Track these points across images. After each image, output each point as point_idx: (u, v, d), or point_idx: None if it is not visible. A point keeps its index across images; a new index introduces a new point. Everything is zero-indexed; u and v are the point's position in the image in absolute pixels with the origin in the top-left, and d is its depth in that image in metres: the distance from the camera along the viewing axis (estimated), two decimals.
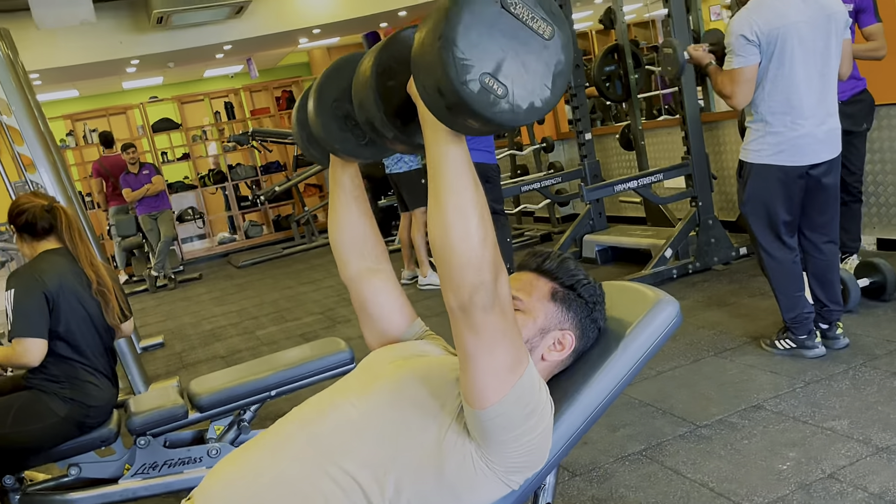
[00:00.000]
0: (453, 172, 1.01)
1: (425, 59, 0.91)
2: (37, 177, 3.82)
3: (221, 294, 7.03)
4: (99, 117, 10.21)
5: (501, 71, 0.90)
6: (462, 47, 0.88)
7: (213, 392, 2.54)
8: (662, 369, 3.07)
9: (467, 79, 0.88)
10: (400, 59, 1.07)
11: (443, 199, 1.01)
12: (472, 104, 0.89)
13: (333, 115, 1.23)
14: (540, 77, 0.93)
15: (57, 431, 2.27)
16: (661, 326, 1.36)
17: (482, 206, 1.01)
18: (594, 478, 2.31)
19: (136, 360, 3.98)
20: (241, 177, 10.37)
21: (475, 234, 0.99)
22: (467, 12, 0.89)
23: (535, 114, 0.93)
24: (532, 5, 0.92)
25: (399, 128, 1.08)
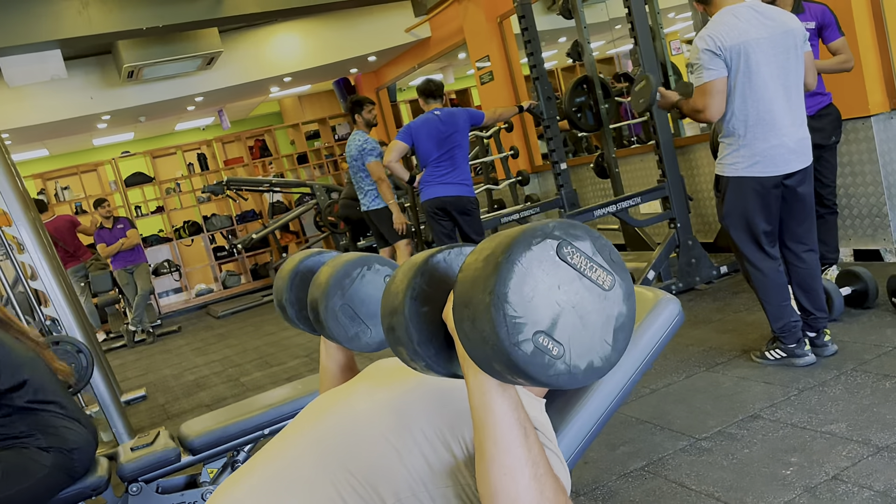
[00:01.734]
0: (499, 426, 0.90)
1: (471, 310, 0.82)
2: (13, 230, 3.77)
3: (202, 345, 6.93)
4: (70, 175, 10.14)
5: (557, 328, 0.81)
6: (514, 304, 0.79)
7: (204, 433, 2.48)
8: (657, 387, 3.06)
9: (520, 339, 0.79)
10: (434, 284, 1.00)
11: (487, 459, 0.90)
12: (525, 367, 0.80)
13: (342, 320, 1.29)
14: (599, 332, 0.84)
15: (48, 484, 2.18)
16: (665, 324, 1.37)
17: (535, 463, 0.90)
18: (598, 496, 2.29)
19: (120, 411, 3.89)
20: (216, 227, 10.31)
21: (526, 496, 0.88)
22: (521, 265, 0.80)
23: (595, 374, 0.84)
24: (591, 253, 0.85)
25: (430, 357, 0.98)
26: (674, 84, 4.99)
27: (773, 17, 2.76)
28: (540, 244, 0.82)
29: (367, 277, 1.34)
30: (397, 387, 1.22)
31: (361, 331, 1.33)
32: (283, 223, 9.16)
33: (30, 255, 3.78)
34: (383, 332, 1.05)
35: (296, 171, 10.91)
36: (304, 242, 10.42)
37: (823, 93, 3.50)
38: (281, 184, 9.06)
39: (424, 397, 1.19)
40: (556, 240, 0.83)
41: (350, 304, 1.31)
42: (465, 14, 7.58)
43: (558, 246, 0.83)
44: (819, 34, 3.46)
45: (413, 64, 9.03)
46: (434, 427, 1.13)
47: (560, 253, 0.83)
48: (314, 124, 11.19)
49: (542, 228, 0.83)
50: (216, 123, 11.14)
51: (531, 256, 0.81)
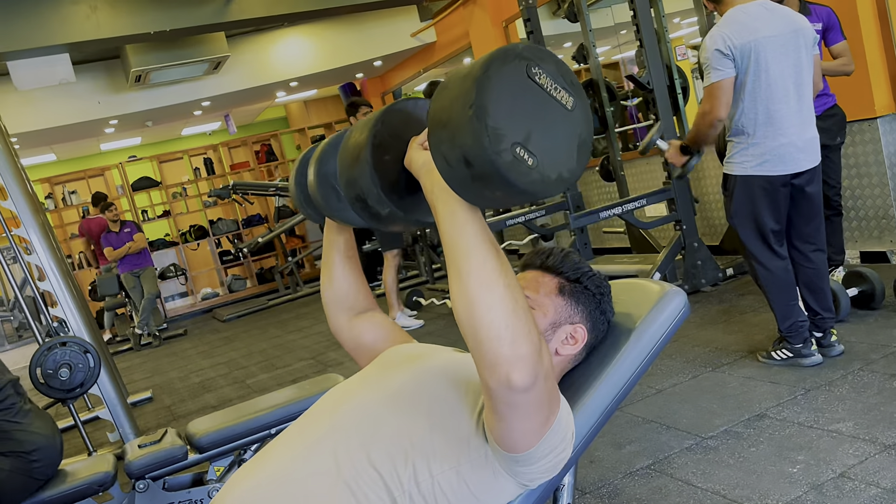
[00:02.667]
0: (472, 245, 0.95)
1: (451, 129, 0.88)
2: (22, 231, 3.79)
3: (208, 348, 6.94)
4: (77, 179, 10.19)
5: (531, 140, 0.88)
6: (494, 115, 0.85)
7: (211, 432, 2.48)
8: (662, 387, 3.06)
9: (500, 148, 0.85)
10: (394, 134, 1.05)
11: (464, 275, 0.95)
12: (506, 174, 0.85)
13: (332, 185, 1.25)
14: (565, 148, 0.92)
15: (11, 486, 2.18)
16: (671, 316, 1.37)
17: (506, 273, 0.95)
18: (604, 494, 2.29)
19: (126, 411, 3.90)
20: (222, 231, 10.35)
21: (503, 304, 0.93)
22: (497, 80, 0.86)
23: (563, 185, 0.92)
24: (554, 75, 0.91)
25: (395, 203, 1.05)
26: (678, 87, 5.00)
27: (784, 15, 2.77)
28: (512, 64, 0.88)
29: None
30: (406, 373, 1.23)
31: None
32: (289, 227, 9.18)
33: (38, 257, 3.80)
34: (342, 188, 1.11)
35: None
36: (310, 247, 10.44)
37: (828, 93, 3.51)
38: (286, 188, 9.08)
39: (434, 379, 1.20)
40: (526, 60, 0.89)
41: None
42: (470, 18, 7.61)
43: (527, 66, 0.89)
44: (823, 36, 3.46)
45: (419, 68, 9.06)
46: (445, 404, 1.15)
47: (529, 72, 0.89)
48: (320, 129, 11.22)
49: (513, 49, 0.89)
50: (222, 128, 11.17)
51: (506, 73, 0.87)
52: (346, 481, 1.09)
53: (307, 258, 10.44)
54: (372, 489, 1.09)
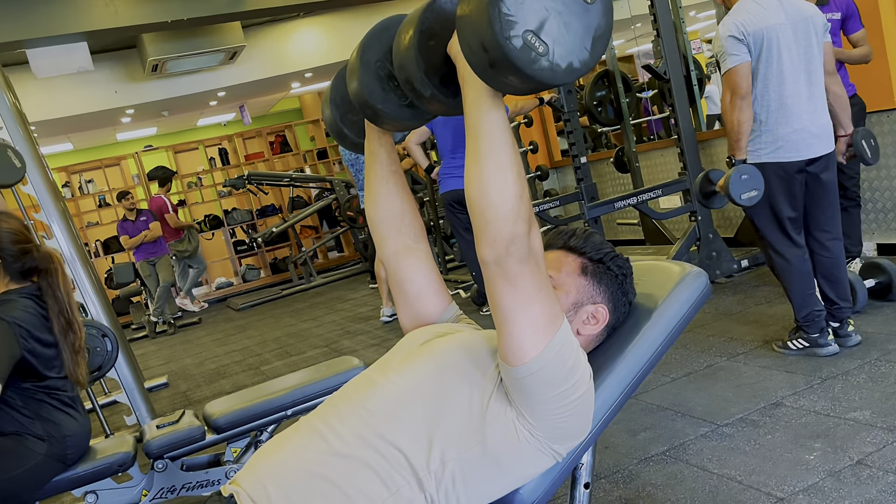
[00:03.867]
0: (493, 130, 1.03)
1: (471, 16, 0.94)
2: (42, 217, 3.83)
3: (223, 336, 6.99)
4: (94, 169, 10.27)
5: (544, 29, 0.92)
6: (508, 3, 0.90)
7: (229, 413, 2.51)
8: (677, 375, 3.06)
9: (510, 34, 0.90)
10: (441, 20, 1.11)
11: (482, 156, 1.03)
12: (515, 59, 0.91)
13: (377, 75, 1.24)
14: (580, 38, 0.95)
15: (40, 471, 2.20)
16: (692, 296, 1.38)
17: (518, 164, 1.05)
18: (619, 479, 2.29)
19: (143, 395, 3.94)
20: (237, 221, 10.40)
21: (512, 188, 1.03)
22: None
23: (573, 74, 0.95)
24: None
25: (437, 86, 1.11)
26: (694, 78, 4.98)
27: (793, 3, 2.79)
28: None
29: None
30: (428, 356, 1.24)
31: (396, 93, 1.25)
32: (303, 218, 9.21)
33: (58, 242, 3.84)
34: (395, 72, 1.17)
35: (316, 167, 10.97)
36: (322, 237, 10.48)
37: (847, 83, 3.48)
38: (301, 179, 9.12)
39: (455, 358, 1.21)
40: None
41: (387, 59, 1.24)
42: None
43: None
44: (843, 25, 3.45)
45: None
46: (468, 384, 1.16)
47: None
48: None
49: None
50: (237, 119, 11.22)
51: None
52: (369, 464, 1.10)
53: (320, 249, 10.48)
54: (398, 471, 1.10)
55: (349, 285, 8.24)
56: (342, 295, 7.66)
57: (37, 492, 2.24)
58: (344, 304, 7.01)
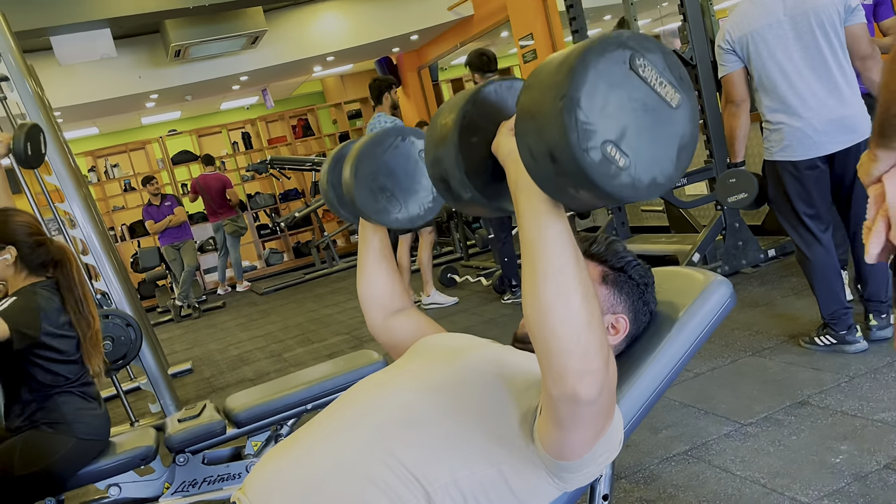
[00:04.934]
0: (553, 247, 0.90)
1: (538, 119, 0.81)
2: (66, 206, 3.86)
3: (246, 320, 7.05)
4: (119, 153, 10.35)
5: (625, 139, 0.81)
6: (587, 110, 0.78)
7: (249, 407, 2.52)
8: (700, 370, 3.02)
9: (589, 146, 0.78)
10: (485, 115, 1.00)
11: (539, 278, 0.90)
12: (592, 174, 0.79)
13: (370, 188, 1.24)
14: (664, 149, 0.84)
15: (65, 464, 2.22)
16: (716, 307, 1.34)
17: (585, 285, 0.91)
18: (640, 479, 2.27)
19: (167, 383, 3.98)
20: (260, 205, 10.44)
21: (578, 317, 0.89)
22: (594, 71, 0.79)
23: (657, 190, 0.84)
24: (661, 69, 0.83)
25: (479, 188, 0.99)
26: None
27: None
28: (614, 52, 0.81)
29: (400, 148, 1.30)
30: (446, 367, 1.22)
31: (390, 203, 1.28)
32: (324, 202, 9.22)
33: (81, 230, 3.87)
34: (427, 166, 1.06)
35: None
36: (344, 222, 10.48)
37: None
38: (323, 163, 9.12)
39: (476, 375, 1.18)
40: (630, 49, 0.82)
41: (380, 172, 1.26)
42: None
43: (631, 56, 0.82)
44: (874, 11, 3.35)
45: (455, 42, 8.97)
46: (488, 402, 1.13)
47: (632, 63, 0.82)
48: (356, 104, 11.22)
49: (617, 37, 0.81)
50: (260, 103, 11.24)
51: (605, 63, 0.80)
52: (376, 478, 1.07)
53: (342, 233, 10.50)
54: (405, 485, 1.06)
55: None
56: None
57: (63, 484, 2.28)
58: None
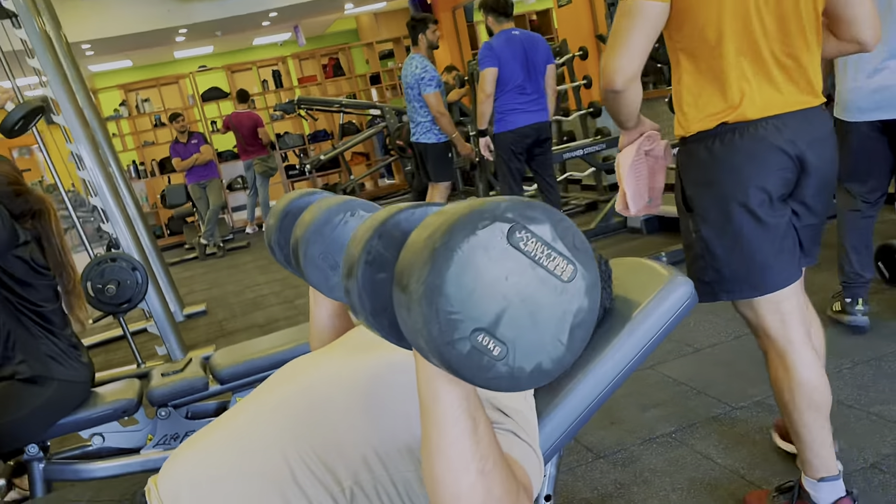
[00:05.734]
0: (446, 416, 0.81)
1: (407, 299, 0.72)
2: (74, 147, 3.85)
3: (266, 262, 7.08)
4: (150, 87, 10.34)
5: (501, 325, 0.71)
6: (451, 297, 0.69)
7: (233, 365, 2.51)
8: (701, 346, 2.92)
9: (455, 338, 0.69)
10: (392, 248, 0.86)
11: (432, 447, 0.82)
12: (459, 368, 0.71)
13: (320, 266, 1.17)
14: (552, 330, 0.73)
15: (41, 414, 2.24)
16: (673, 308, 1.25)
17: (483, 458, 0.81)
18: (619, 460, 2.21)
19: (174, 328, 4.02)
20: (288, 145, 10.40)
21: (471, 496, 0.80)
22: (460, 251, 0.69)
23: (543, 377, 0.74)
24: (550, 240, 0.73)
25: (385, 329, 0.86)
26: None
27: None
28: (487, 228, 0.70)
29: (349, 224, 1.25)
30: (370, 358, 1.16)
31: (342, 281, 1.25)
32: (352, 145, 9.13)
33: (89, 172, 3.87)
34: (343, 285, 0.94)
35: (368, 91, 10.81)
36: (374, 164, 10.41)
37: None
38: (351, 105, 9.00)
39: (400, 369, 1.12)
40: (508, 223, 0.71)
41: (330, 251, 1.21)
42: None
43: (510, 230, 0.71)
44: None
45: None
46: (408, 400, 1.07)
47: (511, 238, 0.71)
48: (389, 44, 11.00)
49: (492, 209, 0.71)
50: (292, 39, 11.09)
51: (475, 243, 0.69)
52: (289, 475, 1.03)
53: (370, 176, 10.44)
54: (313, 484, 1.03)
55: None
56: None
57: (41, 433, 2.31)
58: None
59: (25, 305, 2.26)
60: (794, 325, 1.69)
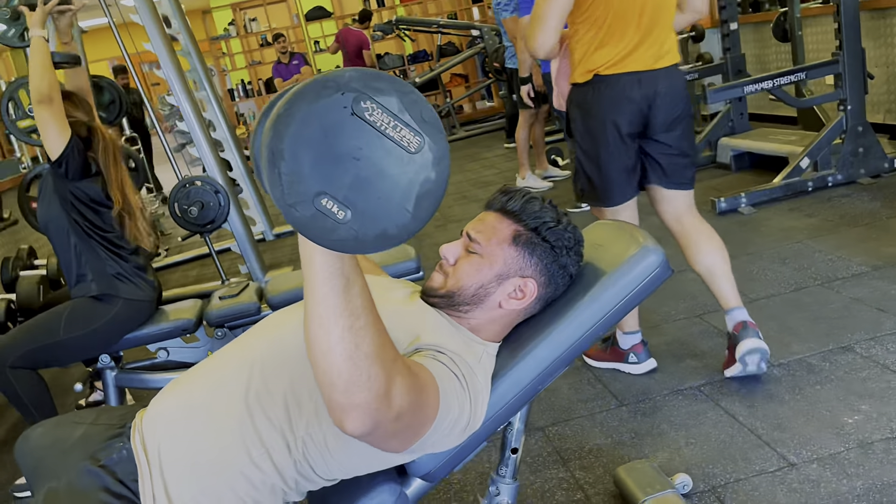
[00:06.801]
0: (314, 279, 0.85)
1: (259, 165, 0.77)
2: (162, 74, 4.05)
3: None
4: (258, 6, 10.56)
5: (344, 190, 0.74)
6: (292, 162, 0.73)
7: (284, 291, 2.66)
8: (757, 296, 2.82)
9: (297, 201, 0.73)
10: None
11: (307, 307, 0.87)
12: (305, 230, 0.75)
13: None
14: (398, 198, 0.76)
15: (113, 327, 2.47)
16: (638, 278, 1.23)
17: (353, 315, 0.85)
18: (641, 409, 2.22)
19: (254, 249, 4.25)
20: (388, 66, 10.42)
21: (338, 349, 0.85)
22: (302, 120, 0.73)
23: (388, 242, 0.77)
24: (396, 111, 0.76)
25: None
26: None
27: None
28: (331, 98, 0.74)
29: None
30: None
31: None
32: (450, 67, 9.05)
33: (177, 97, 4.07)
34: None
35: (470, 11, 10.60)
36: (472, 86, 10.30)
37: None
38: (449, 25, 8.87)
39: None
40: (353, 92, 0.74)
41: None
42: None
43: (354, 100, 0.74)
44: None
45: None
46: None
47: (356, 108, 0.74)
48: None
49: (336, 79, 0.74)
50: None
51: (316, 110, 0.73)
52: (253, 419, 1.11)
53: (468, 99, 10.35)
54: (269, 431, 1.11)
55: (488, 141, 8.15)
56: (477, 153, 7.61)
57: (111, 345, 2.56)
58: (475, 163, 6.98)
59: (94, 230, 2.47)
60: None
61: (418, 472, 1.22)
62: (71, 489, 1.15)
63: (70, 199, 2.43)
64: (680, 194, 2.31)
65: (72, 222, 2.45)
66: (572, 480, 1.94)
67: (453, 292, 1.23)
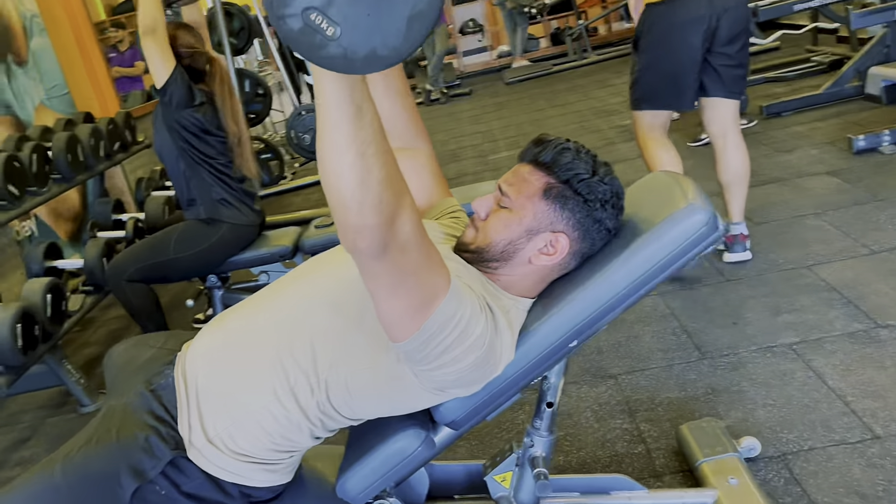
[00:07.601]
0: (327, 106, 0.86)
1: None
2: None
3: (480, 112, 7.20)
4: None
5: (333, 6, 0.73)
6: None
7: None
8: (880, 248, 2.57)
9: (286, 13, 0.73)
10: None
11: (321, 132, 0.88)
12: (294, 43, 0.75)
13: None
14: (388, 18, 0.74)
15: (218, 249, 2.64)
16: (681, 237, 1.16)
17: (366, 143, 0.87)
18: (723, 364, 2.11)
19: None
20: None
21: (351, 173, 0.87)
22: None
23: (379, 63, 0.76)
24: None
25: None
26: None
27: None
28: None
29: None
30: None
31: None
32: None
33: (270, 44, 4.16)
34: None
35: None
36: (609, 6, 9.79)
37: None
38: None
39: None
40: None
41: None
42: None
43: None
44: None
45: None
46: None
47: None
48: None
49: None
50: None
51: None
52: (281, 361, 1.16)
53: (605, 19, 9.86)
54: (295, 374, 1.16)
55: (619, 67, 7.78)
56: (605, 79, 7.30)
57: (217, 266, 2.75)
58: (601, 90, 6.71)
59: (201, 157, 2.62)
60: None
61: (444, 420, 1.24)
62: (125, 408, 1.26)
63: (176, 128, 2.57)
64: (730, 104, 2.61)
65: (180, 149, 2.60)
66: (636, 433, 1.90)
67: (483, 248, 1.21)
